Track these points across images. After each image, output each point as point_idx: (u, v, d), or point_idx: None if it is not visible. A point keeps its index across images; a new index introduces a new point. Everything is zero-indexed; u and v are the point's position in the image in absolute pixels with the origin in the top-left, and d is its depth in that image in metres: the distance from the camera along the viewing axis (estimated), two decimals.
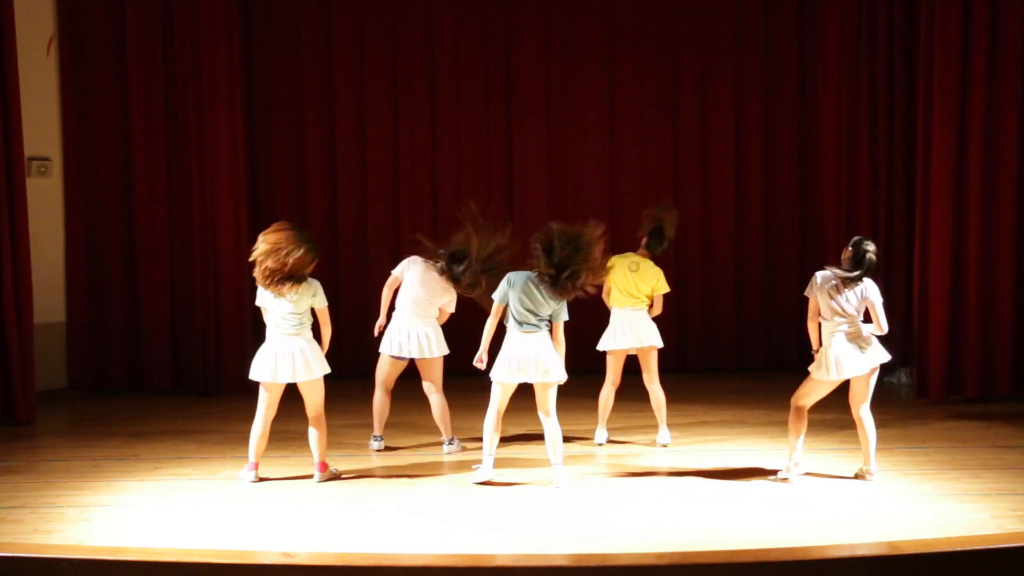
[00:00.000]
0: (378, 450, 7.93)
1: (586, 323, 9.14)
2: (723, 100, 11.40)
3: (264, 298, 6.97)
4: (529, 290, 6.80)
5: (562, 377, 6.87)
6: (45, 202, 10.34)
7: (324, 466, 7.09)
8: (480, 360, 7.01)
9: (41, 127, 10.25)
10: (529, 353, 6.78)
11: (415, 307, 7.80)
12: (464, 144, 11.39)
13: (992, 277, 9.52)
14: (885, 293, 10.71)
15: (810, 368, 6.88)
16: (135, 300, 10.65)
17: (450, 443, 7.91)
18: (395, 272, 7.93)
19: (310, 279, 7.01)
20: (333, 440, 8.33)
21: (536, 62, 11.32)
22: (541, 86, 11.34)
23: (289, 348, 6.91)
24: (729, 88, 11.38)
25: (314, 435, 7.07)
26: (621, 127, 11.42)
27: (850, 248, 6.83)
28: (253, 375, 6.98)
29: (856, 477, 6.97)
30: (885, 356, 6.85)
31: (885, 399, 9.91)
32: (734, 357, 11.52)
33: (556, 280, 6.68)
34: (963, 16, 9.29)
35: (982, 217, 9.46)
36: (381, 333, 7.91)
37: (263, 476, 7.13)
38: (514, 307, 6.81)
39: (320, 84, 11.31)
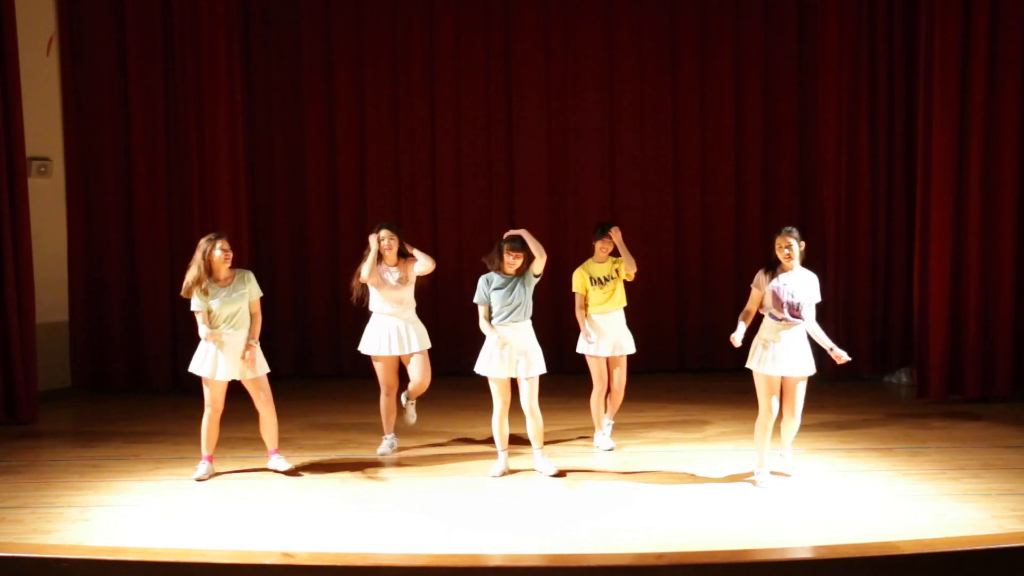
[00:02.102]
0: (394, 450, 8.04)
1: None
2: (723, 99, 11.38)
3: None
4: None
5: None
6: (47, 202, 10.34)
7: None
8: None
9: (42, 127, 10.25)
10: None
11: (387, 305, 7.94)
12: (464, 143, 11.38)
13: (992, 277, 9.51)
14: (884, 293, 10.84)
15: (811, 372, 6.86)
16: (136, 300, 10.65)
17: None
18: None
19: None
20: (333, 440, 8.35)
21: (536, 61, 11.31)
22: (541, 85, 11.33)
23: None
24: (729, 87, 11.36)
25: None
26: (621, 126, 11.41)
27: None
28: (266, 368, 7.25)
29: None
30: None
31: (885, 399, 9.93)
32: (733, 357, 11.46)
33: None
34: (963, 15, 9.28)
35: (982, 216, 9.46)
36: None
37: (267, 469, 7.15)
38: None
39: (320, 84, 11.31)
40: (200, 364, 7.09)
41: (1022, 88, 9.37)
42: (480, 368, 7.17)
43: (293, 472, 7.23)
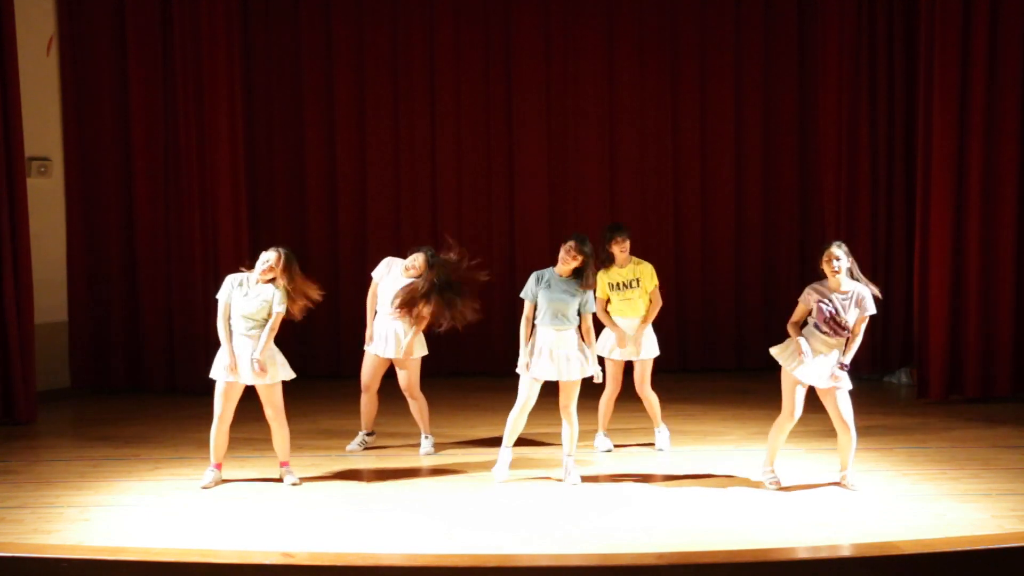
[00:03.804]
0: (364, 447, 7.99)
1: None
2: (723, 100, 11.38)
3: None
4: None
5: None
6: (46, 202, 10.33)
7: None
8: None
9: (41, 127, 10.23)
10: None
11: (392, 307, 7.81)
12: (464, 144, 11.39)
13: (992, 277, 9.51)
14: (884, 293, 10.79)
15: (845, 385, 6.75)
16: (135, 300, 10.64)
17: (426, 439, 7.96)
18: (375, 276, 7.92)
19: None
20: (333, 440, 8.34)
21: (536, 62, 11.31)
22: (541, 86, 11.33)
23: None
24: (729, 88, 11.36)
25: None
26: (621, 127, 11.41)
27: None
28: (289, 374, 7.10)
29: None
30: None
31: (885, 399, 9.93)
32: (734, 357, 11.50)
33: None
34: (963, 15, 9.28)
35: (982, 216, 9.46)
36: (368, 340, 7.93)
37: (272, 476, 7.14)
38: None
39: (320, 84, 11.31)
40: (218, 369, 6.95)
41: (1022, 88, 9.37)
42: (519, 368, 7.01)
43: (297, 484, 7.13)
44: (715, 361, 11.47)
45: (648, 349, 7.80)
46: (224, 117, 10.33)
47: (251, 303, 6.92)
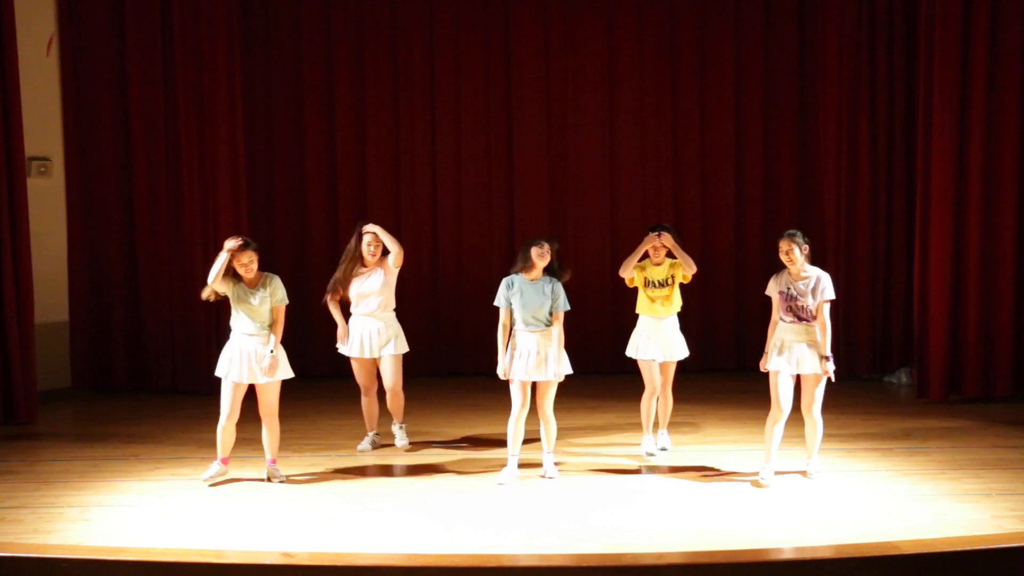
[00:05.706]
0: (375, 447, 8.04)
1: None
2: (723, 99, 11.38)
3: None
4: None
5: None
6: (47, 202, 10.34)
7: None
8: None
9: (41, 127, 10.24)
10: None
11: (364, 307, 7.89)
12: (464, 143, 11.38)
13: (992, 277, 9.51)
14: (884, 292, 10.84)
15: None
16: (136, 300, 10.64)
17: (399, 428, 8.05)
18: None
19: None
20: (333, 440, 8.34)
21: (536, 61, 11.31)
22: (541, 85, 11.33)
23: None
24: (729, 87, 11.36)
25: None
26: (621, 125, 11.40)
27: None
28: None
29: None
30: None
31: (885, 399, 9.93)
32: (734, 357, 11.50)
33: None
34: (963, 14, 9.29)
35: (982, 216, 9.46)
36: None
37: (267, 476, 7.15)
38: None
39: (320, 84, 11.31)
40: (220, 368, 7.00)
41: (1022, 88, 9.37)
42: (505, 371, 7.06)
43: (284, 482, 7.14)
44: (715, 361, 11.46)
45: (678, 350, 7.82)
46: (224, 117, 10.34)
47: (249, 304, 6.96)
